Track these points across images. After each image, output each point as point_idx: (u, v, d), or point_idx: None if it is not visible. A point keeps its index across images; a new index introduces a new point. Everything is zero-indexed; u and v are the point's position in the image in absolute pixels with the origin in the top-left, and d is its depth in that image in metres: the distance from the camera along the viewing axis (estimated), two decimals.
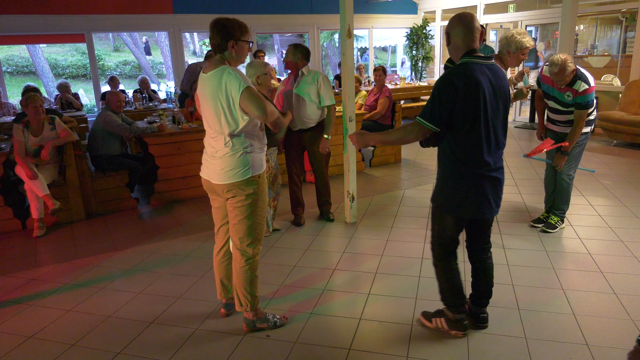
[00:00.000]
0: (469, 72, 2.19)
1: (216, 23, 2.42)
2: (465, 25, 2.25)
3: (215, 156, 2.50)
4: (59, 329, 2.83)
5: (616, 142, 7.19)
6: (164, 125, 5.14)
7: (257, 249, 2.64)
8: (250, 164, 2.47)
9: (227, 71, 2.36)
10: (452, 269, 2.54)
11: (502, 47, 3.58)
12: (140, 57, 17.24)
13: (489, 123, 2.25)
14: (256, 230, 2.59)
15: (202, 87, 2.49)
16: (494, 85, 2.25)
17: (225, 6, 9.07)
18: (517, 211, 4.48)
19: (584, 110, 3.56)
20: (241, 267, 2.61)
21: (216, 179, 2.51)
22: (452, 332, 2.58)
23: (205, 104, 2.47)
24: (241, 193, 2.49)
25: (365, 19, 10.59)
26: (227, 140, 2.45)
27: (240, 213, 2.53)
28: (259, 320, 2.71)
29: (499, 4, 9.76)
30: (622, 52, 9.27)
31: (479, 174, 2.31)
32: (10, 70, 15.68)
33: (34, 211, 4.38)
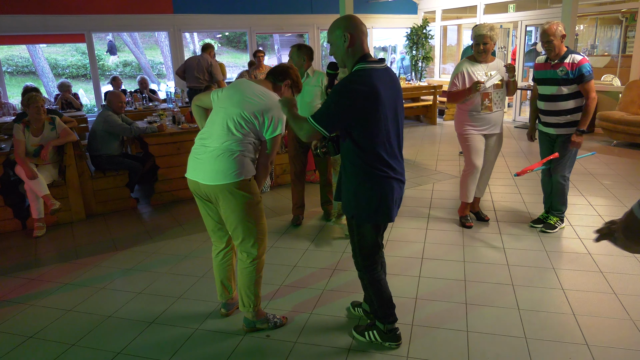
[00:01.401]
0: (367, 80, 2.13)
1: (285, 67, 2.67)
2: (361, 28, 2.22)
3: (210, 155, 2.45)
4: (59, 329, 2.83)
5: (616, 142, 7.19)
6: (164, 125, 5.14)
7: (263, 248, 2.62)
8: (244, 167, 2.45)
9: (278, 110, 2.47)
10: (379, 279, 2.47)
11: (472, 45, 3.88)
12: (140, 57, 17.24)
13: (389, 128, 2.22)
14: (258, 230, 2.56)
15: (238, 87, 2.54)
16: (390, 90, 2.22)
17: (225, 6, 9.08)
18: (517, 211, 4.49)
19: (589, 82, 3.54)
20: (246, 268, 2.60)
21: (207, 179, 2.45)
22: (386, 343, 2.52)
23: (231, 100, 2.49)
24: (234, 195, 2.45)
25: (365, 19, 10.58)
26: (229, 140, 2.44)
27: (236, 217, 2.49)
28: (259, 321, 2.70)
29: (499, 4, 9.76)
30: (622, 52, 9.28)
31: (390, 178, 2.27)
32: (10, 70, 15.68)
33: (34, 211, 4.38)
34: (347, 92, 2.13)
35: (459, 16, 11.16)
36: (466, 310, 2.83)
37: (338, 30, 2.22)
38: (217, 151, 2.43)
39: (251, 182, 2.50)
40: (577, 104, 3.63)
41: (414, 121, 9.92)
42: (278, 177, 5.66)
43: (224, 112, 2.48)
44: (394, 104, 2.26)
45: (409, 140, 7.88)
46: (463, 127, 3.93)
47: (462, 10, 10.81)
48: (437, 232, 4.06)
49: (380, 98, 2.15)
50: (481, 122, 3.87)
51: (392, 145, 2.27)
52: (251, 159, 2.51)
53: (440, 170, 6.06)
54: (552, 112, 3.73)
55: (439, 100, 9.81)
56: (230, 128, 2.44)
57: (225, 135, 2.44)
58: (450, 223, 4.25)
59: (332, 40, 2.26)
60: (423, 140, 7.96)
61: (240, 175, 2.43)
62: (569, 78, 3.56)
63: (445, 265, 3.45)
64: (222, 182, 2.42)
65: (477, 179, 4.05)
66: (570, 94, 3.61)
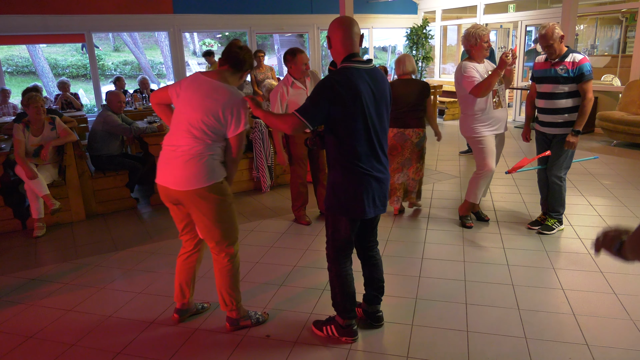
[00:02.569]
0: (348, 77, 2.23)
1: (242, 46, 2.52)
2: (344, 29, 2.29)
3: (179, 160, 2.41)
4: (59, 329, 2.83)
5: (616, 142, 7.19)
6: (163, 125, 5.14)
7: (237, 246, 2.64)
8: (215, 170, 2.43)
9: (242, 101, 2.42)
10: (346, 274, 2.52)
11: (465, 46, 3.80)
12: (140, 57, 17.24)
13: (369, 126, 2.29)
14: (232, 230, 2.57)
15: (195, 87, 2.41)
16: (373, 89, 2.29)
17: (225, 6, 9.08)
18: (517, 211, 4.49)
19: (587, 82, 3.53)
20: (224, 267, 2.60)
21: (178, 184, 2.41)
22: (342, 338, 2.55)
23: (191, 103, 2.39)
24: (206, 199, 2.43)
25: (365, 19, 10.59)
26: (196, 145, 2.39)
27: (210, 220, 2.47)
28: (242, 318, 2.72)
29: (499, 4, 9.76)
30: (622, 52, 9.28)
31: (367, 174, 2.34)
32: (10, 70, 15.68)
33: (34, 211, 4.38)
34: (327, 87, 2.24)
35: (459, 16, 11.17)
36: (466, 310, 2.83)
37: (327, 33, 2.42)
38: (185, 156, 2.39)
39: (223, 183, 2.48)
40: (576, 103, 3.62)
41: None
42: (278, 177, 5.66)
43: (186, 118, 2.41)
44: (377, 103, 2.32)
45: None
46: (476, 129, 3.85)
47: (462, 10, 10.81)
48: (437, 232, 4.06)
49: (360, 95, 2.23)
50: (492, 121, 3.83)
51: (374, 143, 2.34)
52: (221, 161, 2.49)
53: (440, 170, 6.06)
54: (550, 111, 3.71)
55: (439, 100, 9.81)
56: (194, 134, 2.39)
57: (192, 140, 2.39)
58: (450, 223, 4.25)
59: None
60: None
61: (212, 179, 2.41)
62: (569, 77, 3.56)
63: (445, 265, 3.45)
64: (194, 188, 2.40)
65: (489, 180, 4.04)
66: (570, 93, 3.60)
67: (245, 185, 5.53)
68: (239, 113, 2.41)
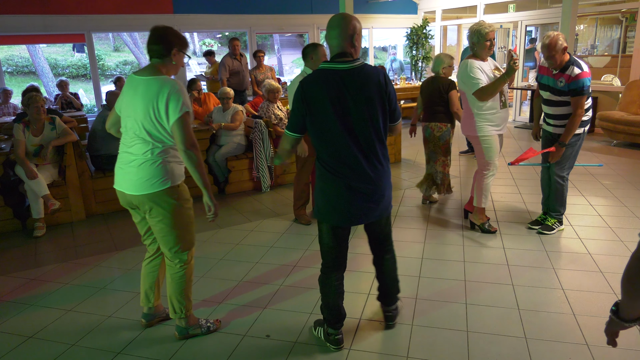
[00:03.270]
0: (316, 80, 2.20)
1: (159, 28, 2.36)
2: (328, 30, 2.26)
3: (132, 165, 2.37)
4: (59, 329, 2.83)
5: (616, 142, 7.19)
6: None
7: (192, 253, 2.59)
8: (168, 174, 2.37)
9: (171, 84, 2.29)
10: (329, 285, 2.46)
11: (469, 43, 3.74)
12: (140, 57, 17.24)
13: (342, 130, 2.19)
14: (187, 236, 2.52)
15: (131, 88, 2.37)
16: (348, 91, 2.17)
17: (225, 6, 9.08)
18: (517, 211, 4.48)
19: (580, 97, 3.49)
20: (176, 273, 2.55)
21: (132, 189, 2.39)
22: (327, 344, 2.54)
23: (132, 107, 2.35)
24: (161, 204, 2.38)
25: (365, 19, 10.59)
26: (147, 149, 2.34)
27: (165, 225, 2.43)
28: (192, 327, 2.66)
29: (499, 4, 9.76)
30: (622, 52, 9.28)
31: (339, 181, 2.25)
32: (10, 70, 15.68)
33: (34, 211, 4.38)
34: (297, 91, 2.23)
35: (459, 16, 11.16)
36: (466, 310, 2.83)
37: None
38: (139, 160, 2.35)
39: (180, 188, 2.43)
40: None
41: None
42: (278, 177, 5.66)
43: (133, 121, 2.36)
44: (357, 105, 2.18)
45: (409, 141, 7.87)
46: (483, 129, 3.75)
47: (462, 10, 10.81)
48: (437, 232, 4.06)
49: (326, 98, 2.16)
50: (499, 120, 3.77)
51: (351, 149, 2.21)
52: (179, 162, 2.44)
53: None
54: (552, 116, 3.75)
55: None
56: (144, 138, 2.34)
57: (143, 145, 2.35)
58: (451, 223, 4.25)
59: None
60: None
61: (166, 182, 2.37)
62: (565, 90, 3.56)
63: (445, 265, 3.45)
64: (147, 192, 2.36)
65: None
66: (567, 102, 3.60)
67: (245, 185, 5.53)
68: (173, 98, 2.27)
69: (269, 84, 5.73)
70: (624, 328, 1.21)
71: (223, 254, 3.79)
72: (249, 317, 2.86)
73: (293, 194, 4.47)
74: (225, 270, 3.50)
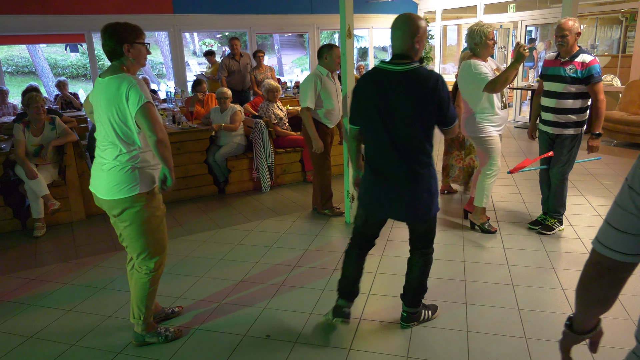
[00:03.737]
0: (367, 78, 2.38)
1: (107, 28, 2.29)
2: (390, 32, 2.35)
3: (103, 169, 2.36)
4: (59, 329, 2.83)
5: (616, 142, 7.19)
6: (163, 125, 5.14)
7: (160, 262, 2.55)
8: (138, 181, 2.34)
9: (128, 80, 2.25)
10: (349, 257, 2.67)
11: (469, 44, 3.67)
12: None
13: (376, 127, 2.34)
14: (155, 244, 2.49)
15: (97, 93, 2.35)
16: (385, 91, 2.27)
17: (225, 6, 9.07)
18: (517, 211, 4.48)
19: (598, 83, 3.48)
20: (140, 279, 2.52)
21: (102, 193, 2.38)
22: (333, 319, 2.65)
23: (99, 111, 2.34)
24: (129, 210, 2.37)
25: (365, 19, 10.59)
26: (118, 154, 2.32)
27: (132, 231, 2.42)
28: (149, 335, 2.62)
29: (499, 4, 9.76)
30: (622, 52, 9.27)
31: (378, 176, 2.41)
32: (10, 70, 15.68)
33: (34, 211, 4.38)
34: (353, 89, 2.48)
35: (459, 16, 11.16)
36: (466, 310, 2.83)
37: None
38: (109, 165, 2.34)
39: (149, 194, 2.40)
40: (581, 105, 3.59)
41: None
42: (278, 177, 5.66)
43: (101, 125, 2.34)
44: (390, 105, 2.27)
45: None
46: (485, 129, 3.72)
47: (462, 10, 10.80)
48: (437, 232, 4.03)
49: (364, 95, 2.37)
50: (500, 121, 3.76)
51: (384, 144, 2.34)
52: (151, 167, 2.40)
53: (439, 170, 6.05)
54: (554, 110, 3.68)
55: None
56: (113, 142, 2.31)
57: (113, 149, 2.33)
58: (450, 223, 4.25)
59: None
60: None
61: (134, 189, 2.34)
62: (578, 77, 3.51)
63: (445, 265, 3.45)
64: (115, 197, 2.35)
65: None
66: (577, 94, 3.56)
67: (245, 185, 5.53)
68: (131, 92, 2.22)
69: (268, 84, 5.74)
70: (577, 342, 1.22)
71: (223, 254, 3.79)
72: (249, 317, 2.86)
73: (315, 191, 4.54)
74: (225, 270, 3.50)
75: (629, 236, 1.02)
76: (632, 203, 1.00)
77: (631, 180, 1.01)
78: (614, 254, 1.05)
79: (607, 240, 1.06)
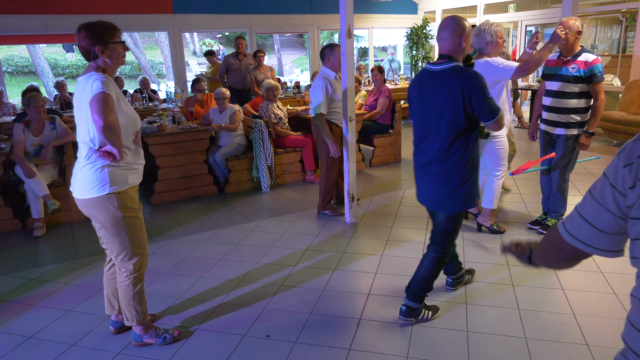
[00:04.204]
0: (416, 78, 2.61)
1: (79, 29, 2.24)
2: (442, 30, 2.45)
3: (77, 168, 2.35)
4: (59, 329, 2.83)
5: (616, 142, 7.19)
6: (164, 125, 5.14)
7: (140, 263, 2.50)
8: (108, 180, 2.28)
9: (94, 76, 2.21)
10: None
11: (478, 44, 3.61)
12: (140, 57, 17.25)
13: (421, 124, 2.55)
14: (133, 244, 2.44)
15: (75, 93, 2.35)
16: (421, 88, 2.51)
17: (225, 6, 9.07)
18: (517, 211, 4.48)
19: (600, 83, 3.48)
20: (122, 282, 2.50)
21: (75, 192, 2.36)
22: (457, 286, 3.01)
23: (75, 110, 2.33)
24: (100, 210, 2.33)
25: (365, 19, 10.59)
26: (88, 153, 2.29)
27: (106, 232, 2.39)
28: (147, 335, 2.61)
29: (499, 4, 9.76)
30: (622, 52, 9.28)
31: (416, 166, 2.67)
32: (10, 70, 15.69)
33: (34, 211, 4.38)
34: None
35: None
36: (466, 310, 2.83)
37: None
38: (82, 164, 2.32)
39: (122, 195, 2.34)
40: (584, 104, 3.58)
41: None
42: (278, 177, 5.66)
43: (78, 124, 2.33)
44: (424, 101, 2.50)
45: (409, 140, 7.87)
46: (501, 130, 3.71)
47: (462, 10, 10.80)
48: None
49: (415, 96, 2.57)
50: (508, 122, 3.73)
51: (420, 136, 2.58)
52: (126, 168, 2.35)
53: None
54: (556, 109, 3.67)
55: None
56: (85, 141, 2.29)
57: (85, 148, 2.31)
58: None
59: None
60: None
61: (104, 189, 2.29)
62: (580, 76, 3.50)
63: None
64: (86, 197, 2.32)
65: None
66: (580, 93, 3.55)
67: (245, 185, 5.53)
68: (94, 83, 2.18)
69: (267, 83, 5.74)
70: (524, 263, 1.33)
71: (223, 254, 3.79)
72: (249, 317, 2.86)
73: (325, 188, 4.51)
74: (225, 270, 3.50)
75: (601, 233, 1.01)
76: (613, 201, 0.98)
77: (613, 178, 0.98)
78: (583, 246, 1.05)
79: (577, 231, 1.05)
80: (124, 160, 2.32)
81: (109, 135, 2.18)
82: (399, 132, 6.54)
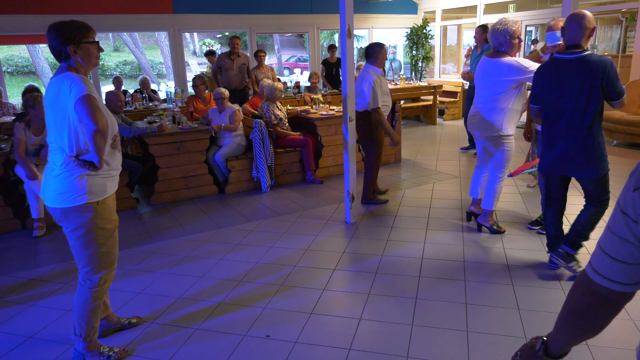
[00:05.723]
0: (548, 66, 2.95)
1: (50, 29, 2.15)
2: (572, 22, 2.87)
3: (51, 175, 2.22)
4: (59, 329, 2.83)
5: (616, 142, 7.19)
6: (164, 125, 5.14)
7: (105, 278, 2.40)
8: (86, 189, 2.18)
9: (70, 77, 2.11)
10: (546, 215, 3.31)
11: (494, 43, 3.54)
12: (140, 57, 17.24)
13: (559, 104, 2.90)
14: (101, 258, 2.33)
15: (46, 95, 2.22)
16: (569, 75, 2.83)
17: (225, 6, 9.08)
18: (517, 212, 4.48)
19: None
20: (81, 294, 2.38)
21: (47, 200, 2.23)
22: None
23: (48, 113, 2.21)
24: (73, 221, 2.23)
25: (365, 19, 10.59)
26: (64, 161, 2.18)
27: (76, 243, 2.29)
28: (90, 354, 2.44)
29: (499, 4, 9.76)
30: (622, 52, 9.27)
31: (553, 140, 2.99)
32: (10, 70, 15.69)
33: (34, 211, 4.38)
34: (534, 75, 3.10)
35: (459, 16, 11.16)
36: (466, 310, 2.83)
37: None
38: (57, 171, 2.21)
39: (99, 205, 2.25)
40: None
41: (414, 121, 9.92)
42: (278, 177, 5.66)
43: (50, 128, 2.22)
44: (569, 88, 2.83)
45: (409, 140, 7.88)
46: (511, 128, 3.62)
47: (462, 10, 10.81)
48: (437, 232, 4.06)
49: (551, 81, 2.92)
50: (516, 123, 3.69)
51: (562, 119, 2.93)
52: (104, 176, 2.26)
53: (440, 170, 6.06)
54: None
55: (439, 100, 9.81)
56: (61, 146, 2.18)
57: (61, 155, 2.20)
58: (450, 223, 4.25)
59: None
60: (423, 140, 7.97)
61: (80, 199, 2.19)
62: None
63: (445, 265, 3.45)
64: (59, 206, 2.21)
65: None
66: None
67: (245, 185, 5.53)
68: (73, 87, 2.09)
69: (271, 86, 5.73)
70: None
71: (223, 254, 3.79)
72: (249, 317, 2.86)
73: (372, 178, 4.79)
74: (225, 270, 3.50)
75: (628, 266, 0.92)
76: (628, 230, 0.89)
77: (623, 204, 0.90)
78: (614, 285, 0.95)
79: (605, 269, 0.96)
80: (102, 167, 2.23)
81: (99, 140, 2.11)
82: (399, 132, 6.53)
